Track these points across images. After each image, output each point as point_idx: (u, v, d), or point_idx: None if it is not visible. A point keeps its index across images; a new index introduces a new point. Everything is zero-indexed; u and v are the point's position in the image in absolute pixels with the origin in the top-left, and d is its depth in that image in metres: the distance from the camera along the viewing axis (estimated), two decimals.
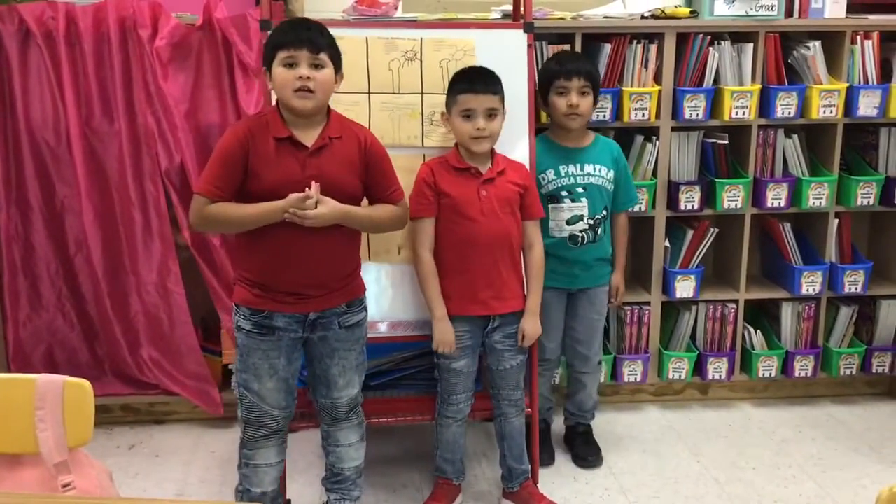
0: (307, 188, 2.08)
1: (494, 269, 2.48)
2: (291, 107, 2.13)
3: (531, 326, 2.54)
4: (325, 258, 2.20)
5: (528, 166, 2.60)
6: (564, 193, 2.72)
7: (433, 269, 2.49)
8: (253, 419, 2.28)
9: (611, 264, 2.87)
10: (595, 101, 2.75)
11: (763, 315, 3.40)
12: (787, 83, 3.09)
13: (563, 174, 2.72)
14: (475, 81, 2.43)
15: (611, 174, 2.77)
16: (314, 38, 2.12)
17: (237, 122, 2.22)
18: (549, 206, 2.72)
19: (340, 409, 2.37)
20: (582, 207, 2.72)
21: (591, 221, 2.74)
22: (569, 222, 2.72)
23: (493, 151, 2.51)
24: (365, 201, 2.30)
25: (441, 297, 2.49)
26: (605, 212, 2.77)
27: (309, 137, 2.17)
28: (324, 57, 2.13)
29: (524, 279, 2.56)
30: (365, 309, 2.36)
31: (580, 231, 2.73)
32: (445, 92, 2.55)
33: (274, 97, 2.22)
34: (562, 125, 2.72)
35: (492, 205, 2.45)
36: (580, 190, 2.73)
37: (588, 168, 2.74)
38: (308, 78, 2.10)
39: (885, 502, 1.33)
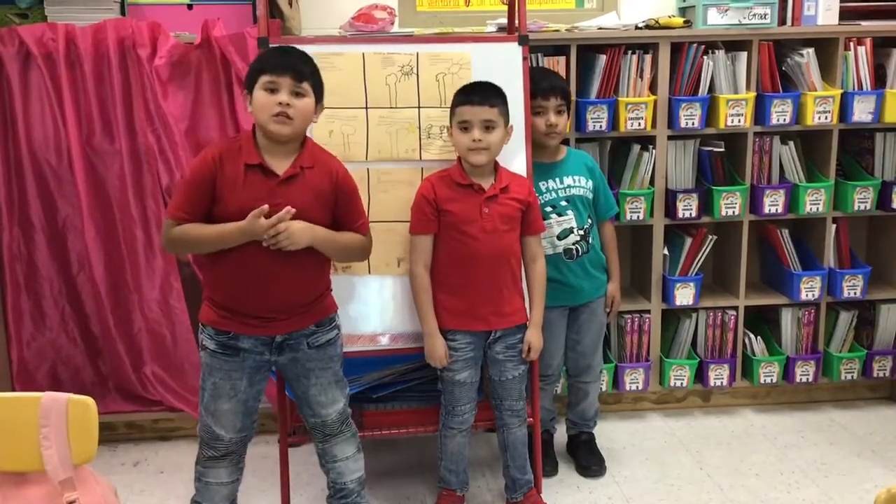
0: (284, 210, 2.09)
1: (495, 286, 2.49)
2: (268, 131, 2.14)
3: (536, 339, 2.56)
4: (291, 282, 2.20)
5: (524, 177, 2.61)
6: (549, 209, 2.72)
7: (426, 286, 2.50)
8: (206, 439, 2.28)
9: (606, 273, 2.89)
10: (568, 117, 2.76)
11: (763, 321, 3.41)
12: (781, 90, 3.11)
13: (544, 190, 2.72)
14: (472, 93, 2.44)
15: (589, 184, 2.77)
16: (298, 67, 2.14)
17: (209, 147, 2.24)
18: None
19: (331, 425, 2.36)
20: (569, 220, 2.73)
21: (582, 232, 2.74)
22: (560, 237, 2.72)
23: (496, 166, 2.53)
24: None
25: (433, 313, 2.50)
26: (590, 221, 2.78)
27: (281, 166, 2.17)
28: (306, 86, 2.15)
29: (525, 293, 2.58)
30: (337, 327, 2.36)
31: (573, 244, 2.74)
32: (442, 105, 2.58)
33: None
34: (540, 143, 2.71)
35: (494, 222, 2.46)
36: (564, 203, 2.73)
37: (568, 180, 2.75)
38: (288, 105, 2.11)
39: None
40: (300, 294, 2.24)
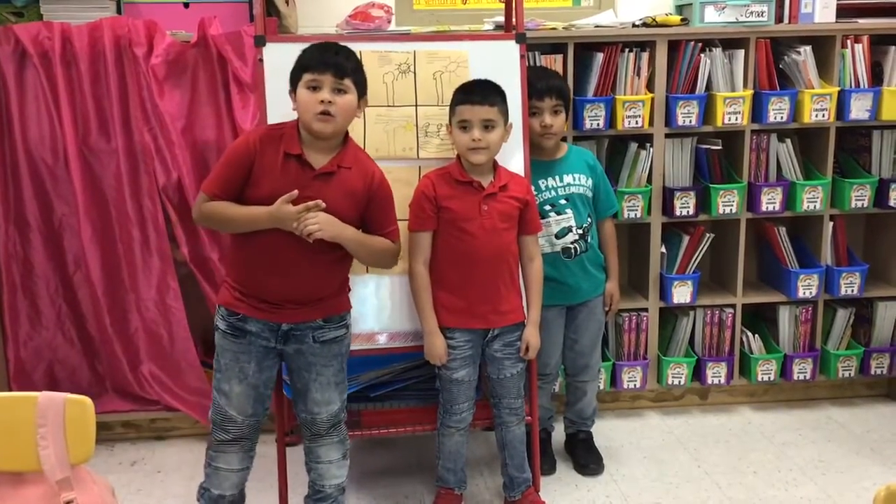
0: (314, 202, 2.12)
1: (493, 285, 2.49)
2: (311, 129, 2.17)
3: (534, 338, 2.56)
4: (306, 274, 2.22)
5: (523, 176, 2.61)
6: (548, 207, 2.72)
7: (426, 283, 2.50)
8: (218, 421, 2.31)
9: (605, 272, 2.88)
10: (567, 116, 2.75)
11: (761, 319, 3.41)
12: (778, 88, 3.11)
13: (543, 188, 2.72)
14: (472, 93, 2.44)
15: (589, 182, 2.77)
16: (339, 63, 2.16)
17: (253, 128, 2.27)
18: None
19: (320, 424, 2.36)
20: (568, 219, 2.72)
21: (580, 231, 2.74)
22: (558, 236, 2.72)
23: (495, 164, 2.52)
24: None
25: (433, 311, 2.50)
26: (589, 219, 2.78)
27: (319, 160, 2.20)
28: (348, 83, 2.17)
29: (522, 291, 2.57)
30: (346, 326, 2.36)
31: (571, 243, 2.73)
32: (440, 104, 2.57)
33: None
34: (536, 144, 2.71)
35: (493, 220, 2.46)
36: (563, 202, 2.73)
37: (567, 178, 2.75)
38: (329, 102, 2.14)
39: (883, 502, 1.34)
40: (312, 287, 2.25)
